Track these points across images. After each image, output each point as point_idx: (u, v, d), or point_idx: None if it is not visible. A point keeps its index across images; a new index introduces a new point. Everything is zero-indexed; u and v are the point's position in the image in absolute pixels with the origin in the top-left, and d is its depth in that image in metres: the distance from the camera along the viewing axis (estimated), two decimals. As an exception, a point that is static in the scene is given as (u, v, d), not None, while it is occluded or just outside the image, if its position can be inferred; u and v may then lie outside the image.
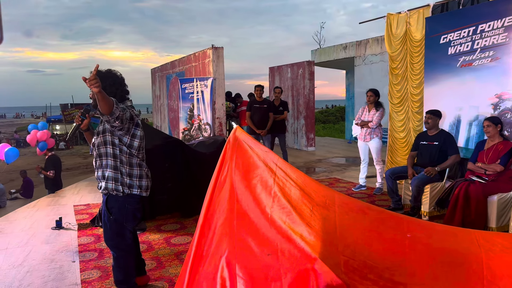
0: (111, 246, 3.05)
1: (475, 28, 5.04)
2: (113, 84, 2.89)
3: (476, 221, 4.29)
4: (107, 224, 2.97)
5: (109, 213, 2.91)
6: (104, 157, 2.89)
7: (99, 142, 2.89)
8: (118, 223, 2.93)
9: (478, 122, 5.11)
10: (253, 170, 2.12)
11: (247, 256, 1.91)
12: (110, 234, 2.99)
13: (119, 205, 2.90)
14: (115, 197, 2.90)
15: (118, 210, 2.91)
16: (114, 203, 2.91)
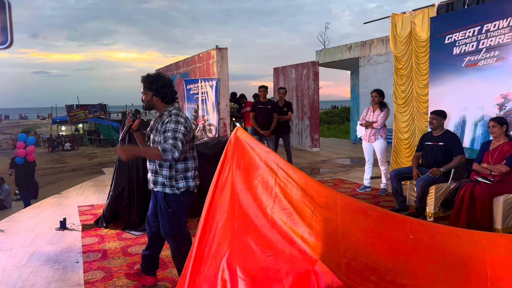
0: (171, 236, 3.16)
1: (480, 28, 5.00)
2: (164, 86, 3.05)
3: (482, 222, 4.25)
4: (165, 217, 3.09)
5: (168, 206, 3.06)
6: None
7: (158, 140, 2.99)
8: (176, 216, 3.10)
9: (483, 122, 5.07)
10: (254, 171, 2.11)
11: (248, 257, 1.89)
12: (169, 226, 3.12)
13: (177, 199, 3.06)
14: (172, 194, 3.05)
15: (175, 203, 3.06)
16: (172, 197, 3.06)
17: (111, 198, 4.96)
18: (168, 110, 3.05)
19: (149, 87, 3.03)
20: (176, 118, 2.96)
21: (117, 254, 4.16)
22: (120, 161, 4.97)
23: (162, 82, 3.04)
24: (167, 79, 3.12)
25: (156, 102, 3.06)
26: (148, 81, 3.04)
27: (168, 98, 3.07)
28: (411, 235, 1.74)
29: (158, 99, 3.05)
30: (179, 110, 3.08)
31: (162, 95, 3.03)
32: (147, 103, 3.08)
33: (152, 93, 3.03)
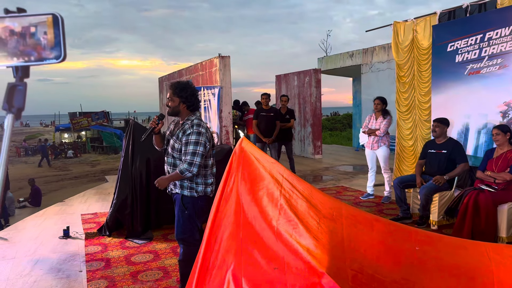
0: (181, 239, 3.23)
1: (483, 36, 5.02)
2: (192, 95, 3.19)
3: (486, 230, 4.23)
4: (180, 220, 3.16)
5: (185, 208, 3.13)
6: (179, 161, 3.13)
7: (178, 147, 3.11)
8: (191, 219, 3.17)
9: (486, 130, 5.06)
10: (259, 182, 2.11)
11: (254, 269, 1.89)
12: (182, 229, 3.19)
13: (194, 202, 3.14)
14: (190, 196, 3.13)
15: (192, 206, 3.15)
16: (189, 200, 3.14)
17: (114, 206, 4.96)
18: (191, 119, 3.15)
19: (178, 94, 3.14)
20: (198, 129, 3.07)
21: (121, 263, 4.16)
22: (124, 170, 4.98)
23: (191, 91, 3.18)
24: (195, 88, 3.27)
25: (182, 109, 3.16)
26: (178, 88, 3.15)
27: (193, 107, 3.19)
28: (417, 246, 1.73)
29: (185, 107, 3.15)
30: (201, 120, 3.20)
31: (189, 103, 3.15)
32: (173, 109, 3.18)
33: (180, 100, 3.14)
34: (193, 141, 3.02)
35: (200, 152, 3.01)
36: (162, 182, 3.13)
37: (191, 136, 3.04)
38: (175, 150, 3.13)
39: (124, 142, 5.09)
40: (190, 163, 2.99)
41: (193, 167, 2.99)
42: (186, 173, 3.00)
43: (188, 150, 3.01)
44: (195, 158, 2.99)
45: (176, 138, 3.13)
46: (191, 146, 3.01)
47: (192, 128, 3.07)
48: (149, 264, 4.10)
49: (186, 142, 3.04)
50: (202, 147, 3.03)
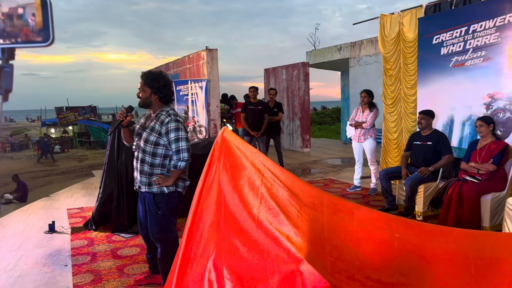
0: (159, 239, 3.13)
1: (467, 28, 5.06)
2: (165, 86, 3.02)
3: (470, 220, 4.30)
4: (155, 220, 3.06)
5: (158, 208, 3.02)
6: (152, 156, 2.99)
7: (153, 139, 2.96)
8: (166, 218, 3.07)
9: (471, 122, 5.12)
10: (240, 171, 2.10)
11: (234, 258, 1.89)
12: (158, 229, 3.09)
13: (166, 201, 3.03)
14: (161, 194, 3.02)
15: (165, 205, 3.04)
16: (161, 199, 3.02)
17: (100, 200, 4.92)
18: (165, 110, 3.01)
19: (149, 84, 2.98)
20: (176, 117, 2.96)
21: (107, 257, 4.13)
22: (109, 163, 4.94)
23: (164, 81, 3.00)
24: (168, 79, 3.09)
25: (154, 100, 3.01)
26: (150, 78, 2.99)
27: (166, 99, 3.03)
28: (397, 234, 1.74)
29: (157, 98, 3.00)
30: (175, 111, 3.07)
31: (161, 94, 2.99)
32: (144, 100, 3.02)
33: (152, 91, 2.98)
34: (173, 127, 2.91)
35: (183, 137, 2.91)
36: (164, 182, 2.96)
37: (170, 124, 2.91)
38: (149, 143, 2.97)
39: (110, 136, 5.04)
40: (177, 151, 2.90)
41: (182, 154, 2.88)
42: (179, 164, 2.90)
43: (170, 138, 2.91)
44: (179, 144, 2.89)
45: (151, 130, 2.98)
46: (173, 133, 2.90)
47: (169, 117, 2.95)
48: (136, 258, 4.08)
49: (166, 131, 2.91)
50: (184, 131, 2.93)
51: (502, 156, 4.36)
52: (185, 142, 2.91)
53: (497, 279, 1.56)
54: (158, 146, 2.97)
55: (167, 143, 2.94)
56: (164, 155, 3.00)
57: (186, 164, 2.91)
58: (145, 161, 3.02)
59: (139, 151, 3.06)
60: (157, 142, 2.96)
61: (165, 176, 2.99)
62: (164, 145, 2.97)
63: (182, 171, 2.94)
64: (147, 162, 3.01)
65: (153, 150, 2.98)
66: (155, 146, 2.97)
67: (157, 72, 3.07)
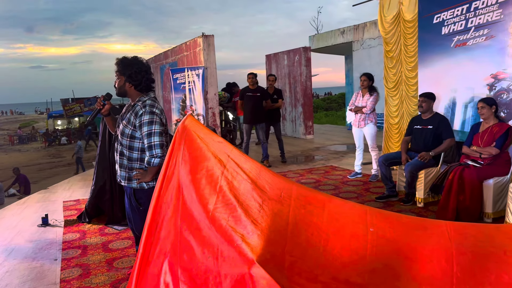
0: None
1: (469, 6, 4.82)
2: (139, 72, 2.80)
3: (471, 206, 4.13)
4: (137, 215, 2.95)
5: (139, 204, 2.90)
6: (129, 150, 2.84)
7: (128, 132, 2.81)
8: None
9: (473, 104, 4.91)
10: (200, 163, 1.94)
11: (189, 259, 1.76)
12: (141, 224, 2.87)
13: (147, 196, 2.83)
14: (141, 189, 2.89)
15: (147, 200, 2.83)
16: (142, 194, 2.89)
17: (92, 193, 4.84)
18: (142, 99, 2.81)
19: (122, 71, 2.79)
20: (151, 109, 2.74)
21: (97, 250, 4.05)
22: (101, 155, 4.84)
23: (137, 67, 2.78)
24: (144, 64, 2.86)
25: (128, 89, 2.81)
26: (122, 65, 2.79)
27: (142, 86, 2.81)
28: (371, 227, 1.59)
29: (131, 86, 2.80)
30: (154, 101, 2.85)
31: (136, 82, 2.78)
32: (119, 89, 2.83)
33: (125, 79, 2.79)
34: (147, 121, 2.70)
35: (156, 131, 2.70)
36: (143, 177, 2.81)
37: (144, 117, 2.71)
38: (125, 136, 2.80)
39: (101, 126, 4.93)
40: (149, 146, 2.70)
41: (154, 150, 2.68)
42: (153, 160, 2.70)
43: (143, 133, 2.71)
44: (152, 139, 2.69)
45: (127, 122, 2.81)
46: (145, 127, 2.70)
47: (144, 108, 2.74)
48: (126, 251, 4.00)
49: (140, 124, 2.72)
50: (158, 125, 2.72)
51: (505, 139, 4.17)
52: (158, 137, 2.70)
53: (481, 277, 1.41)
54: (134, 139, 2.80)
55: (141, 137, 2.76)
56: (141, 148, 2.82)
57: (161, 161, 2.67)
58: (123, 154, 2.87)
59: (118, 143, 2.91)
60: (133, 135, 2.79)
61: (144, 171, 2.83)
62: (140, 139, 2.79)
63: (158, 167, 2.72)
64: (125, 156, 2.87)
65: (129, 143, 2.82)
66: (131, 139, 2.80)
67: (131, 58, 2.83)
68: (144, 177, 2.80)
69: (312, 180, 6.40)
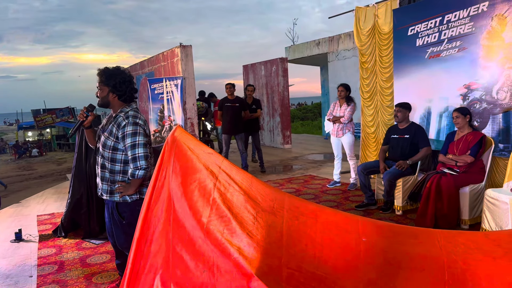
0: (125, 248, 2.92)
1: (442, 19, 4.99)
2: (123, 82, 2.77)
3: (449, 213, 4.23)
4: (119, 230, 2.89)
5: (122, 218, 2.84)
6: (111, 162, 2.78)
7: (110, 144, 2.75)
8: (132, 226, 2.82)
9: (448, 113, 5.06)
10: (191, 175, 1.92)
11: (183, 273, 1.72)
12: (124, 238, 2.88)
13: (131, 209, 2.83)
14: (124, 203, 2.83)
15: (130, 214, 2.83)
16: (125, 208, 2.84)
17: (68, 206, 4.71)
18: (125, 110, 2.78)
19: (105, 82, 2.75)
20: (134, 120, 2.70)
21: (75, 265, 3.93)
22: (77, 167, 4.73)
23: (121, 78, 2.76)
24: (128, 75, 2.83)
25: (112, 99, 2.77)
26: (105, 75, 2.75)
27: (126, 97, 2.79)
28: (364, 237, 1.61)
29: (115, 97, 2.76)
30: (137, 112, 2.82)
31: (120, 93, 2.75)
32: (102, 99, 2.79)
33: (109, 89, 2.75)
34: (130, 132, 2.66)
35: (140, 142, 2.65)
36: (126, 190, 2.75)
37: (127, 128, 2.66)
38: (107, 148, 2.76)
39: (78, 137, 4.82)
40: (133, 158, 2.65)
41: (139, 161, 2.63)
42: (137, 172, 2.65)
43: (127, 144, 2.67)
44: (136, 150, 2.64)
45: (109, 134, 2.76)
46: (129, 138, 2.65)
47: (127, 119, 2.70)
48: (105, 265, 3.89)
49: (123, 136, 2.68)
50: (142, 136, 2.68)
51: (479, 147, 4.30)
52: (143, 149, 2.66)
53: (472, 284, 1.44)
54: (117, 151, 2.75)
55: (124, 149, 2.71)
56: (124, 160, 2.77)
57: (146, 173, 2.66)
58: (105, 167, 2.81)
59: (99, 156, 2.85)
60: (115, 147, 2.73)
61: (126, 184, 2.78)
62: (123, 150, 2.74)
63: (141, 180, 2.71)
64: (107, 168, 2.81)
65: (111, 155, 2.76)
66: (113, 152, 2.75)
67: (114, 69, 2.81)
68: (127, 190, 2.74)
69: (292, 189, 6.42)
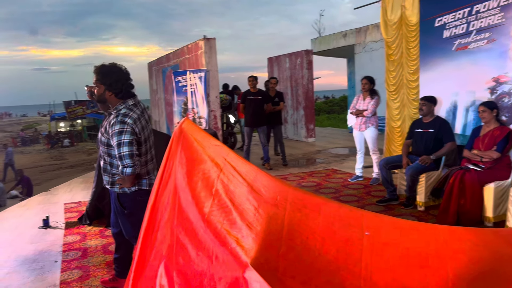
0: (132, 237, 2.98)
1: (470, 9, 4.82)
2: (118, 80, 2.78)
3: (472, 210, 4.12)
4: (123, 219, 2.96)
5: (123, 208, 2.90)
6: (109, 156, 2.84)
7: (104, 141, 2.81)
8: (135, 216, 2.89)
9: (475, 107, 4.90)
10: (196, 166, 1.95)
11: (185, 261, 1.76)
12: (130, 227, 2.95)
13: (131, 200, 2.89)
14: (124, 193, 2.88)
15: (131, 204, 2.89)
16: (126, 198, 2.89)
17: (93, 195, 4.85)
18: (118, 108, 2.77)
19: (101, 80, 2.76)
20: (123, 119, 2.69)
21: (97, 252, 4.06)
22: (102, 157, 4.85)
23: (117, 75, 2.76)
24: (123, 72, 2.82)
25: (109, 97, 2.78)
26: (101, 74, 2.77)
27: (122, 94, 2.78)
28: (367, 231, 1.59)
29: (111, 94, 2.77)
30: (130, 109, 2.79)
31: (116, 90, 2.75)
32: (99, 97, 2.82)
33: (105, 87, 2.77)
34: (116, 131, 2.66)
35: (125, 141, 2.64)
36: (124, 183, 2.79)
37: (114, 126, 2.66)
38: (102, 144, 2.81)
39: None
40: (119, 157, 2.65)
41: (124, 160, 2.64)
42: (124, 170, 2.66)
43: (114, 143, 2.67)
44: (121, 149, 2.64)
45: (104, 130, 2.81)
46: (115, 137, 2.65)
47: (116, 118, 2.70)
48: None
49: (111, 134, 2.69)
50: (128, 134, 2.65)
51: (506, 143, 4.16)
52: (128, 147, 2.64)
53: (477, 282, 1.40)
54: (111, 147, 2.76)
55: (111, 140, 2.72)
56: None
57: (133, 170, 2.66)
58: (105, 160, 2.88)
59: (99, 151, 2.93)
60: (109, 143, 2.76)
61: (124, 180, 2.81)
62: None
63: (133, 176, 2.72)
64: (107, 162, 2.87)
65: (107, 150, 2.81)
66: (108, 147, 2.78)
67: (110, 66, 2.81)
68: (125, 183, 2.79)
69: (312, 183, 6.39)
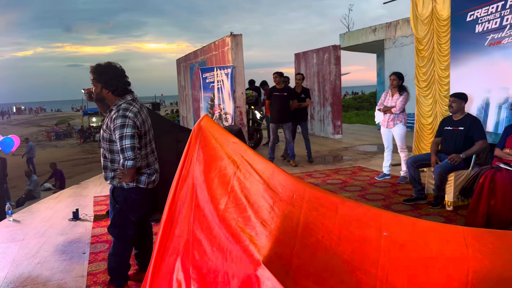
0: (111, 233, 3.07)
1: (504, 3, 4.63)
2: (114, 78, 2.85)
3: (503, 211, 3.97)
4: (112, 213, 3.01)
5: (115, 202, 2.94)
6: (110, 153, 2.89)
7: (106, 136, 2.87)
8: (123, 213, 2.95)
9: (508, 105, 4.72)
10: (214, 163, 1.96)
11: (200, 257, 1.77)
12: (113, 222, 3.02)
13: (125, 195, 2.92)
14: (120, 188, 2.92)
15: (123, 200, 2.92)
16: (120, 193, 2.93)
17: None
18: (118, 104, 2.83)
19: (98, 79, 2.84)
20: (124, 113, 2.74)
21: (124, 245, 4.15)
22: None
23: (112, 73, 2.83)
24: (119, 69, 2.89)
25: (106, 95, 2.86)
26: (96, 73, 2.85)
27: (119, 91, 2.84)
28: (385, 231, 1.56)
29: (108, 92, 2.84)
30: (130, 104, 2.85)
31: (112, 88, 2.83)
32: (97, 95, 2.90)
33: (101, 86, 2.84)
34: (119, 124, 2.70)
35: (127, 134, 2.68)
36: (124, 178, 2.82)
37: (116, 120, 2.71)
38: (104, 140, 2.85)
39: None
40: (121, 150, 2.68)
41: (126, 152, 2.66)
42: (126, 163, 2.67)
43: (116, 137, 2.71)
44: (123, 142, 2.67)
45: (106, 127, 2.85)
46: (117, 130, 2.69)
47: (117, 112, 2.75)
48: (152, 246, 4.08)
49: (114, 128, 2.73)
50: (130, 128, 2.70)
51: (541, 142, 3.98)
52: (130, 140, 2.68)
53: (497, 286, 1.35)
54: (113, 143, 2.80)
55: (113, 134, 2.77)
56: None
57: (135, 163, 2.67)
58: (106, 157, 2.92)
59: (101, 147, 2.96)
60: (111, 139, 2.81)
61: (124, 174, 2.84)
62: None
63: (134, 169, 2.74)
64: (108, 159, 2.91)
65: (109, 147, 2.84)
66: (110, 143, 2.82)
67: (105, 65, 2.88)
68: (125, 178, 2.81)
69: (338, 180, 6.33)
